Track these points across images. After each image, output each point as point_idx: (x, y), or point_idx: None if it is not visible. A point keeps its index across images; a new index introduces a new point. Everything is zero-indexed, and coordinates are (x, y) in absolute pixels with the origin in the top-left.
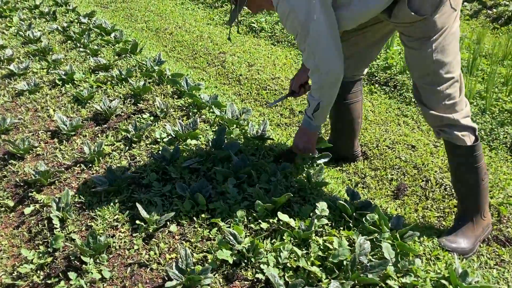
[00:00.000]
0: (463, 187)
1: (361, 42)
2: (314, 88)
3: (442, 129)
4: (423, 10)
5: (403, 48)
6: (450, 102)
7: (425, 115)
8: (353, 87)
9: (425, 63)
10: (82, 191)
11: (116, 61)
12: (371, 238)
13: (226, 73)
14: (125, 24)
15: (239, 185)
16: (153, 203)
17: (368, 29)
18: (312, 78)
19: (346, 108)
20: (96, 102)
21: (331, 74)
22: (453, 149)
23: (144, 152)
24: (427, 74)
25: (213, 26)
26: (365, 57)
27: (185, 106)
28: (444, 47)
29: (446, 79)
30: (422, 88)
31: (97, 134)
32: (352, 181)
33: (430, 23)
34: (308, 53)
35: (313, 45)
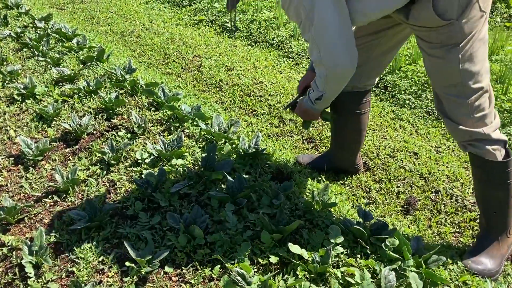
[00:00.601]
0: (491, 205)
1: (374, 49)
2: (319, 81)
3: (471, 143)
4: (449, 14)
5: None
6: (479, 114)
7: (452, 130)
8: (364, 98)
9: (451, 73)
10: (58, 228)
11: (82, 70)
12: (394, 267)
13: (204, 78)
14: (87, 28)
15: (238, 211)
16: (142, 239)
17: (382, 33)
18: (317, 71)
19: (354, 119)
20: (63, 120)
21: (338, 69)
22: (482, 164)
23: (125, 176)
24: (453, 85)
25: (183, 27)
26: (378, 65)
27: (165, 120)
28: (472, 54)
29: (475, 90)
30: (447, 99)
31: (68, 157)
32: (357, 196)
33: (457, 28)
34: (312, 43)
35: (318, 35)
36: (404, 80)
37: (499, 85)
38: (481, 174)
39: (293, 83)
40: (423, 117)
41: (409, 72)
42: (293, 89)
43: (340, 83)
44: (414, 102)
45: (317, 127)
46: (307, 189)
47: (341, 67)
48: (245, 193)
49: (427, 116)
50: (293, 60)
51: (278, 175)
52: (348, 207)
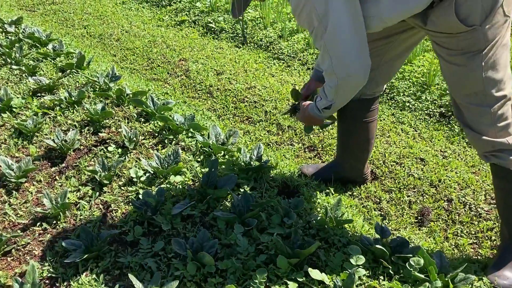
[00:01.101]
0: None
1: (385, 54)
2: (328, 90)
3: (494, 154)
4: (472, 19)
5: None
6: (503, 124)
7: (473, 141)
8: (373, 105)
9: (473, 81)
10: (51, 260)
11: (61, 79)
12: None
13: (193, 84)
14: (61, 31)
15: (247, 232)
16: (146, 268)
17: (394, 38)
18: (327, 80)
19: (362, 127)
20: (46, 135)
21: (350, 80)
22: (506, 174)
23: (120, 197)
24: (475, 94)
25: (165, 28)
26: (388, 71)
27: (157, 132)
28: (495, 62)
29: (498, 98)
30: (468, 108)
31: (54, 178)
32: (368, 208)
33: (479, 34)
34: (324, 52)
35: (330, 43)
36: (402, 81)
37: None
38: (504, 185)
39: (287, 86)
40: (425, 119)
41: (406, 73)
42: (288, 93)
43: (351, 93)
44: (414, 104)
45: (318, 134)
46: (317, 204)
47: (354, 78)
48: (254, 212)
49: (428, 118)
50: (284, 62)
51: (284, 189)
52: (363, 222)
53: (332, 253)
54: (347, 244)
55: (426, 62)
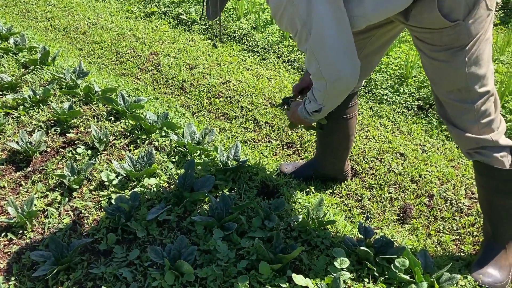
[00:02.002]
0: (497, 213)
1: (364, 49)
2: (318, 94)
3: (478, 151)
4: (456, 14)
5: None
6: (486, 120)
7: (457, 138)
8: (351, 101)
9: (456, 77)
10: (17, 274)
11: (24, 75)
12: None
13: (165, 79)
14: (23, 24)
15: (227, 236)
16: (121, 279)
17: (372, 32)
18: (315, 84)
19: (342, 125)
20: (9, 137)
21: (340, 83)
22: (489, 172)
23: (91, 203)
24: (458, 90)
25: (134, 20)
26: (367, 65)
27: (128, 131)
28: (478, 57)
29: (481, 94)
30: (451, 105)
31: (19, 183)
32: (349, 206)
33: (463, 29)
34: (310, 56)
35: (316, 46)
36: (379, 74)
37: None
38: (488, 182)
39: (262, 80)
40: (403, 113)
41: (383, 65)
42: (264, 88)
43: (342, 96)
44: (392, 97)
45: (296, 130)
46: (298, 204)
47: (343, 80)
48: (233, 215)
49: (406, 112)
50: (258, 55)
51: (263, 189)
52: (345, 222)
53: (315, 256)
54: (330, 246)
55: (402, 54)
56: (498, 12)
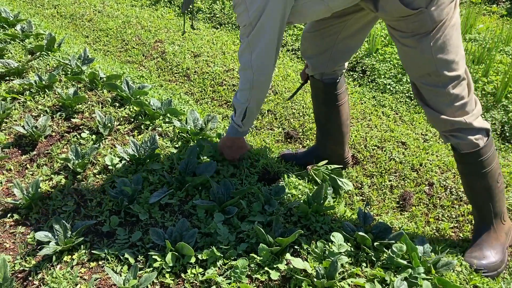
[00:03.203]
0: (480, 196)
1: (340, 33)
2: (242, 89)
3: (453, 134)
4: (418, 2)
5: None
6: (459, 103)
7: (432, 120)
8: (338, 86)
9: (424, 62)
10: (23, 254)
11: (31, 62)
12: (405, 275)
13: (170, 66)
14: (30, 11)
15: (227, 220)
16: (123, 260)
17: (348, 17)
18: (243, 76)
19: (335, 111)
20: (15, 121)
21: (264, 76)
22: (463, 156)
23: (95, 186)
24: (428, 74)
25: (139, 8)
26: (344, 49)
27: (133, 117)
28: (444, 43)
29: (451, 78)
30: (424, 89)
31: (25, 166)
32: (349, 193)
33: (426, 16)
34: (246, 46)
35: (255, 42)
36: (383, 63)
37: (477, 66)
38: (463, 167)
39: None
40: (405, 102)
41: (386, 55)
42: None
43: (264, 90)
44: (395, 87)
45: (298, 118)
46: (298, 190)
47: (268, 75)
48: (234, 200)
49: (409, 101)
50: None
51: (264, 175)
52: (345, 208)
53: (314, 240)
54: (329, 231)
55: None
56: (505, 3)
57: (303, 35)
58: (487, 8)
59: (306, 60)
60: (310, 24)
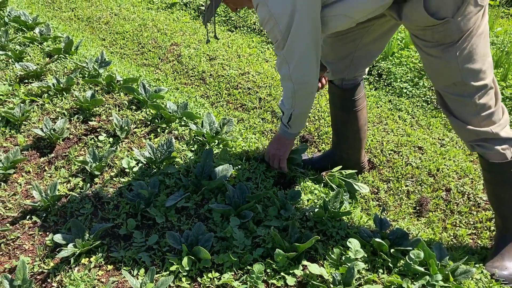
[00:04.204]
0: (505, 206)
1: (361, 38)
2: (286, 97)
3: (479, 144)
4: (443, 12)
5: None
6: (486, 113)
7: (458, 130)
8: (357, 92)
9: (449, 72)
10: (42, 255)
11: (49, 64)
12: (422, 283)
13: (185, 69)
14: (48, 14)
15: (243, 224)
16: (140, 263)
17: (369, 23)
18: (284, 86)
19: (353, 117)
20: (34, 124)
21: (305, 86)
22: (491, 165)
23: (112, 189)
24: (454, 84)
25: (155, 11)
26: (365, 55)
27: (149, 120)
28: (471, 52)
29: (478, 88)
30: (449, 98)
31: (43, 168)
32: (366, 198)
33: (452, 26)
34: (283, 60)
35: (290, 54)
36: (399, 67)
37: (495, 70)
38: (491, 177)
39: None
40: (422, 106)
41: (403, 58)
42: None
43: (307, 98)
44: (412, 90)
45: (314, 122)
46: (313, 194)
47: (308, 85)
48: (250, 204)
49: (425, 105)
50: None
51: (280, 179)
52: (361, 213)
53: (330, 246)
54: (345, 237)
55: None
56: None
57: (324, 40)
58: (505, 11)
59: (327, 65)
60: None
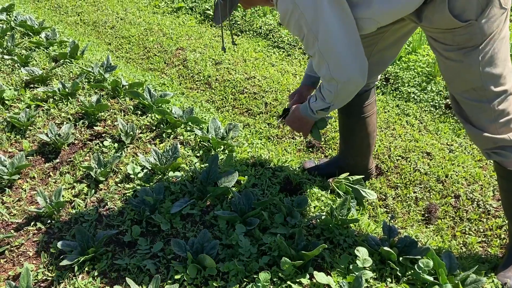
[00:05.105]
0: None
1: (376, 44)
2: (327, 94)
3: (495, 151)
4: (467, 14)
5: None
6: (504, 119)
7: (473, 137)
8: (369, 98)
9: (470, 77)
10: (46, 262)
11: (54, 69)
12: None
13: (191, 74)
14: (54, 18)
15: (249, 231)
16: (145, 271)
17: (385, 28)
18: (326, 86)
19: (362, 123)
20: (39, 128)
21: (350, 83)
22: (507, 174)
23: (116, 195)
24: (473, 89)
25: (161, 16)
26: (381, 61)
27: (154, 125)
28: (493, 56)
29: (498, 94)
30: (467, 104)
31: (48, 174)
32: (373, 205)
33: (476, 29)
34: (319, 58)
35: (325, 50)
36: (407, 71)
37: None
38: (508, 184)
39: (287, 76)
40: (430, 111)
41: (410, 63)
42: (288, 84)
43: (351, 95)
44: (419, 95)
45: None
46: (320, 201)
47: (353, 80)
48: (256, 211)
49: (433, 110)
50: (284, 51)
51: (286, 185)
52: (368, 221)
53: (337, 254)
54: (353, 245)
55: (431, 52)
56: None
57: None
58: None
59: None
60: None
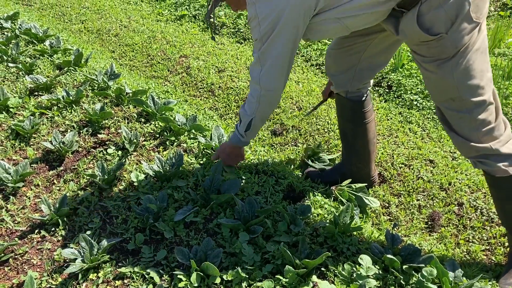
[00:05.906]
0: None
1: (364, 51)
2: (250, 101)
3: (480, 160)
4: (437, 28)
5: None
6: (485, 128)
7: (458, 145)
8: (365, 104)
9: (446, 88)
10: (50, 270)
11: (58, 77)
12: None
13: (194, 81)
14: (58, 26)
15: (252, 239)
16: (148, 279)
17: (373, 36)
18: (252, 89)
19: (362, 130)
20: (43, 136)
21: (271, 93)
22: (496, 181)
23: (120, 203)
24: (451, 99)
25: (165, 23)
26: (369, 67)
27: (158, 133)
28: (467, 68)
29: (477, 104)
30: (449, 114)
31: (52, 181)
32: (376, 213)
33: (447, 42)
34: (256, 62)
35: (264, 58)
36: (409, 79)
37: (508, 82)
38: (497, 192)
39: (290, 84)
40: (433, 119)
41: (413, 70)
42: (291, 91)
43: (271, 106)
44: (422, 102)
45: (323, 134)
46: (323, 209)
47: (274, 92)
48: (259, 219)
49: (436, 118)
50: None
51: (289, 193)
52: (372, 229)
53: (341, 262)
54: (356, 253)
55: None
56: None
57: (327, 52)
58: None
59: (330, 78)
60: (335, 42)
